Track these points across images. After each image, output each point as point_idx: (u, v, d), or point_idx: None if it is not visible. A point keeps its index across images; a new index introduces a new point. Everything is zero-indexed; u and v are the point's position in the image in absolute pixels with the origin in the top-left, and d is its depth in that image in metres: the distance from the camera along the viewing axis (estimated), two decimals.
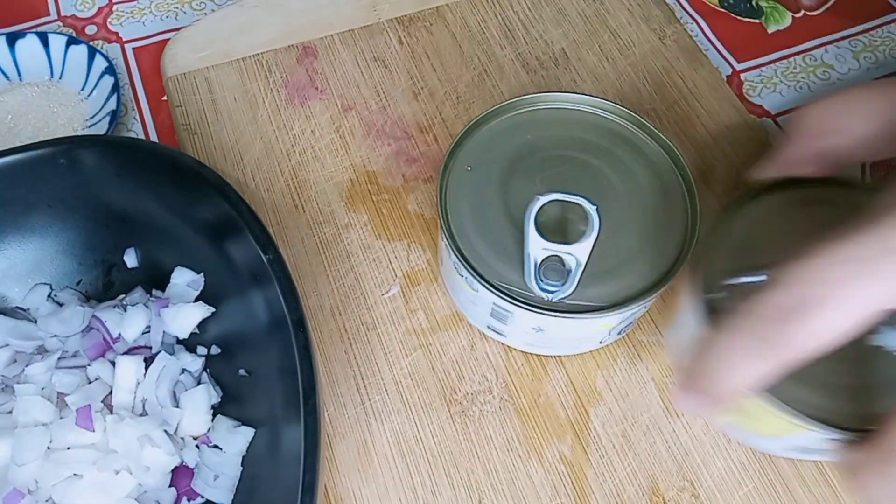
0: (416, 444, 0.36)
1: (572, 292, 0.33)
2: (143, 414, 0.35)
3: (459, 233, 0.34)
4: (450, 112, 0.46)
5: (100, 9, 0.54)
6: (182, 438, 0.35)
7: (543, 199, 0.32)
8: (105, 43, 0.52)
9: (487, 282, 0.33)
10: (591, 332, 0.35)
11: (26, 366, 0.35)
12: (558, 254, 0.32)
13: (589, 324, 0.33)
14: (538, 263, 0.32)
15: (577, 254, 0.32)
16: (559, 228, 0.34)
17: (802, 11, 0.54)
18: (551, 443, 0.36)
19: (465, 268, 0.33)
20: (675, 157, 0.36)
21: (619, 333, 0.37)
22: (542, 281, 0.32)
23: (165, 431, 0.34)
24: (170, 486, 0.34)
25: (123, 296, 0.38)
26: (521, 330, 0.35)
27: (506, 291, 0.33)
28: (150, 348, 0.37)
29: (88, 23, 0.53)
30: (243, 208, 0.34)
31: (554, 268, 0.32)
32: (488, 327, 0.37)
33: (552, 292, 0.32)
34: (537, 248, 0.32)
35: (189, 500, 0.35)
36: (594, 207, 0.32)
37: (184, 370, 0.36)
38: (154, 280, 0.39)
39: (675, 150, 0.36)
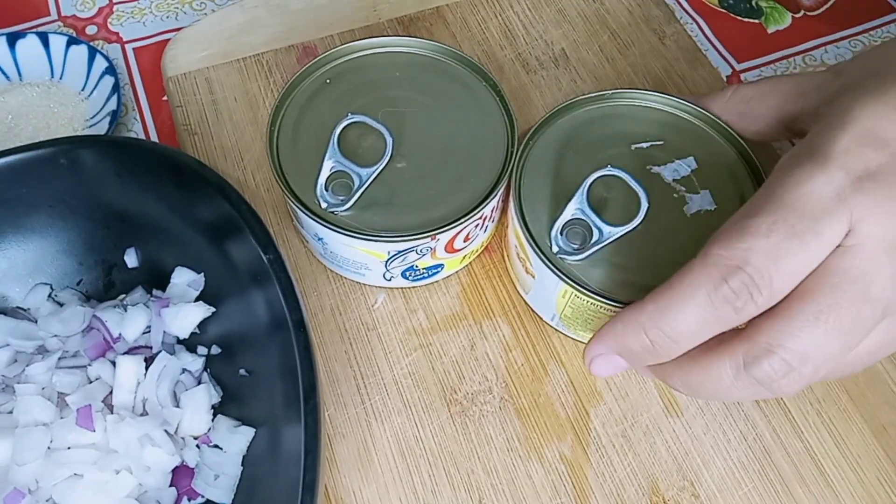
0: (417, 444, 0.36)
1: (350, 210, 0.36)
2: (144, 414, 0.35)
3: (284, 148, 0.38)
4: None
5: (100, 9, 0.54)
6: (182, 438, 0.35)
7: (348, 120, 0.35)
8: (105, 43, 0.52)
9: (290, 188, 0.36)
10: (363, 258, 0.37)
11: (27, 366, 0.35)
12: (347, 171, 0.35)
13: (353, 243, 0.36)
14: (328, 175, 0.35)
15: (361, 173, 0.35)
16: (374, 156, 0.36)
17: (802, 12, 0.54)
18: (551, 443, 0.36)
19: (277, 177, 0.36)
20: (502, 97, 0.39)
21: (407, 278, 0.39)
22: (326, 192, 0.35)
23: (166, 431, 0.34)
24: (170, 485, 0.34)
25: (124, 296, 0.39)
26: (310, 235, 0.38)
27: (298, 197, 0.36)
28: (151, 348, 0.37)
29: (89, 23, 0.53)
30: (244, 208, 0.34)
31: (344, 184, 0.36)
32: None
33: (333, 205, 0.35)
34: (330, 161, 0.35)
35: (189, 500, 0.35)
36: (391, 138, 0.35)
37: (184, 370, 0.36)
38: (154, 280, 0.39)
39: (499, 88, 0.39)
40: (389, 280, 0.39)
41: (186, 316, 0.37)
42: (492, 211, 0.38)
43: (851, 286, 0.25)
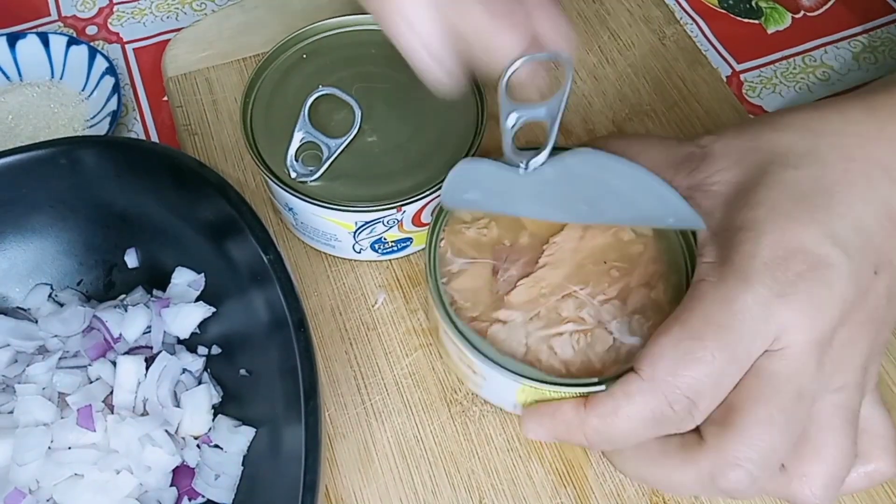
0: (417, 444, 0.36)
1: (319, 180, 0.36)
2: (144, 414, 0.35)
3: (257, 120, 0.38)
4: None
5: (100, 9, 0.54)
6: (183, 438, 0.35)
7: (318, 92, 0.37)
8: (106, 43, 0.52)
9: (261, 158, 0.37)
10: (331, 228, 0.38)
11: (27, 366, 0.35)
12: (317, 142, 0.36)
13: (321, 213, 0.36)
14: (298, 146, 0.36)
15: (330, 144, 0.36)
16: (344, 128, 0.37)
17: (802, 12, 0.54)
18: (551, 443, 0.36)
19: (249, 147, 0.37)
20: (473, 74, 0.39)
21: (377, 251, 0.39)
22: (297, 162, 0.36)
23: (166, 431, 0.34)
24: (171, 485, 0.35)
25: (124, 296, 0.39)
26: (281, 206, 0.39)
27: (269, 166, 0.37)
28: (151, 348, 0.37)
29: (89, 23, 0.53)
30: (244, 208, 0.34)
31: (315, 156, 0.37)
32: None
33: (302, 175, 0.36)
34: (300, 132, 0.36)
35: (190, 500, 0.35)
36: (360, 110, 0.36)
37: (185, 370, 0.36)
38: (155, 280, 0.39)
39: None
40: (359, 252, 0.40)
41: (187, 316, 0.37)
42: None
43: (787, 386, 0.28)
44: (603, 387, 0.30)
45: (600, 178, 0.30)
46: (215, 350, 0.38)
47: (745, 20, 0.53)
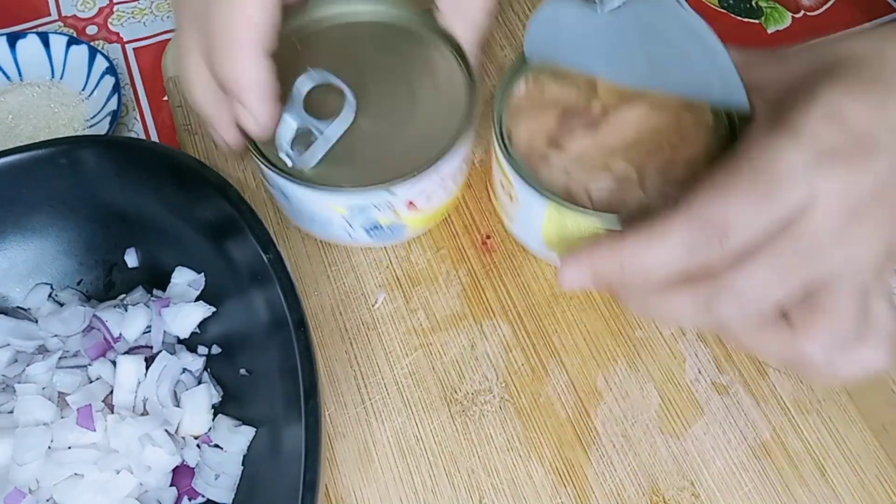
0: (417, 444, 0.36)
1: (316, 166, 0.36)
2: (144, 413, 0.35)
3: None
4: None
5: (100, 9, 0.54)
6: (183, 438, 0.35)
7: (310, 78, 0.36)
8: (106, 43, 0.52)
9: (255, 146, 0.37)
10: (327, 212, 0.38)
11: (27, 365, 0.35)
12: (311, 128, 0.36)
13: (315, 197, 0.36)
14: (293, 133, 0.36)
15: (325, 130, 0.36)
16: (337, 114, 0.37)
17: (802, 12, 0.54)
18: (551, 442, 0.36)
19: (242, 134, 0.37)
20: (466, 61, 0.39)
21: (370, 234, 0.39)
22: (292, 149, 0.36)
23: (166, 431, 0.34)
24: (171, 485, 0.35)
25: (124, 295, 0.39)
26: (276, 192, 0.39)
27: (262, 152, 0.36)
28: (151, 348, 0.37)
29: (89, 23, 0.53)
30: (244, 208, 0.34)
31: (308, 142, 0.36)
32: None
33: (296, 161, 0.36)
34: (294, 118, 0.36)
35: (190, 500, 0.35)
36: (353, 96, 0.37)
37: (185, 370, 0.36)
38: (155, 280, 0.39)
39: (464, 53, 0.39)
40: (353, 238, 0.40)
41: (187, 316, 0.37)
42: (452, 172, 0.38)
43: (801, 241, 0.29)
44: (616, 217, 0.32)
45: (669, 32, 0.33)
46: (215, 350, 0.37)
47: (745, 20, 0.53)
